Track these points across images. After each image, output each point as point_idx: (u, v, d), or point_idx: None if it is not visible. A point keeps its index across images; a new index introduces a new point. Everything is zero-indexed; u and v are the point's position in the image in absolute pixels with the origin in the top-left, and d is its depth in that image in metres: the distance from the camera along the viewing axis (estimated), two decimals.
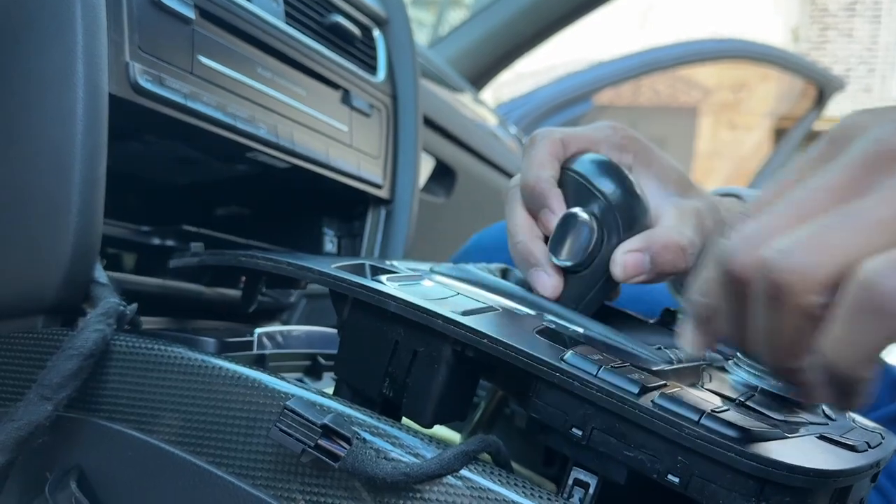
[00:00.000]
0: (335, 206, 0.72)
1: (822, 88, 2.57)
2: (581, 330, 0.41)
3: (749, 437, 0.31)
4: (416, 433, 0.36)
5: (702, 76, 4.37)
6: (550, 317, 0.42)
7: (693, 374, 0.39)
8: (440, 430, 0.50)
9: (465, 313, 0.38)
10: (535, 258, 0.45)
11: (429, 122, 1.04)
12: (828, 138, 0.31)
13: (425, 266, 0.50)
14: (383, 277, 0.42)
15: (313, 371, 0.53)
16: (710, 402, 0.34)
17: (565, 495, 0.35)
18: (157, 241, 0.56)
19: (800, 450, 0.32)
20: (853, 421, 0.40)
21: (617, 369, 0.34)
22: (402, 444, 0.36)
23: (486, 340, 0.35)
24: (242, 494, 0.37)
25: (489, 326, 0.37)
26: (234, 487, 0.37)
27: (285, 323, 0.67)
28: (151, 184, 0.66)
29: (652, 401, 0.33)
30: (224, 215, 0.71)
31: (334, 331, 0.58)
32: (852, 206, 0.27)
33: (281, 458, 0.37)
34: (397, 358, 0.39)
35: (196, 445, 0.38)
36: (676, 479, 0.32)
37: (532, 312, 0.43)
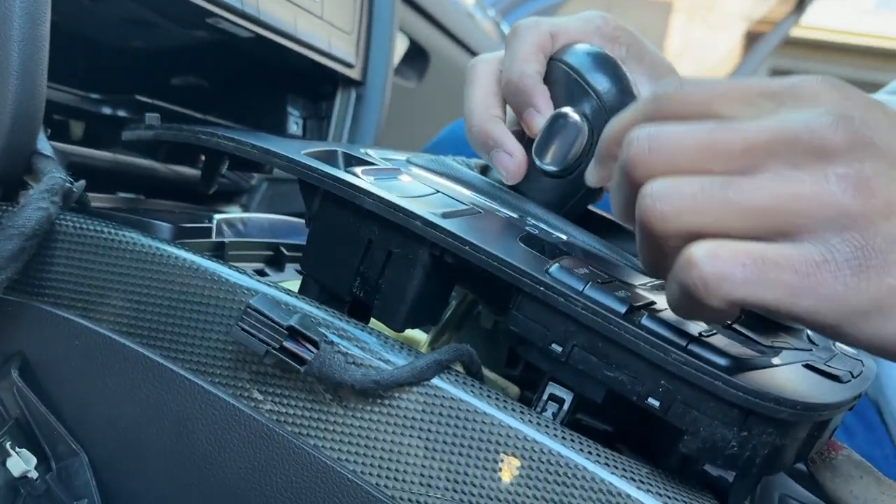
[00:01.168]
0: (302, 84, 0.67)
1: None
2: (564, 237, 0.39)
3: (737, 365, 0.30)
4: (386, 338, 0.35)
5: None
6: (533, 220, 0.40)
7: None
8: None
9: (445, 215, 0.35)
10: (493, 139, 0.42)
11: None
12: (790, 85, 0.30)
13: (401, 156, 0.46)
14: (358, 169, 0.38)
15: (275, 262, 0.50)
16: (695, 325, 0.32)
17: (538, 409, 0.34)
18: (107, 110, 0.51)
19: (786, 380, 0.31)
20: (834, 345, 0.40)
21: (603, 285, 0.32)
22: (372, 350, 0.34)
23: (468, 248, 0.33)
24: (198, 391, 0.35)
25: (471, 231, 0.34)
26: (189, 383, 0.35)
27: (245, 206, 0.64)
28: (101, 47, 0.61)
29: (639, 321, 0.31)
30: (180, 86, 0.66)
31: (298, 220, 0.55)
32: (739, 179, 0.28)
33: (241, 357, 0.35)
34: (370, 257, 0.36)
35: (148, 338, 0.36)
36: (657, 403, 0.31)
37: (514, 215, 0.40)
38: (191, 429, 0.35)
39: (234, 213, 0.57)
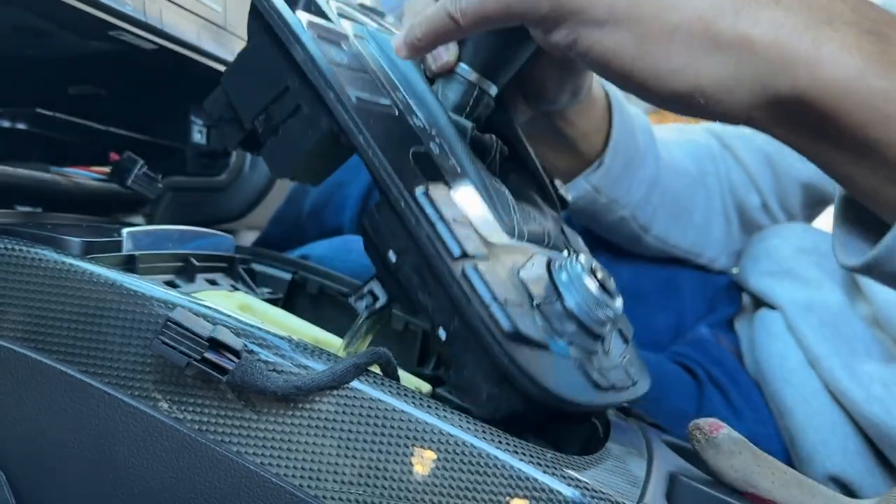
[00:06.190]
0: (205, 93, 0.66)
1: None
2: (459, 169, 0.41)
3: (517, 337, 0.34)
4: (304, 344, 0.36)
5: None
6: (439, 139, 0.42)
7: (523, 255, 0.40)
8: (320, 335, 0.50)
9: (360, 100, 0.37)
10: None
11: None
12: None
13: (370, 22, 0.49)
14: (306, 16, 0.40)
15: (185, 272, 0.50)
16: (513, 292, 0.36)
17: (354, 298, 0.38)
18: (6, 123, 0.50)
19: (553, 368, 0.35)
20: (624, 359, 0.44)
21: (454, 224, 0.35)
22: (291, 356, 0.35)
23: (361, 139, 0.35)
24: (118, 405, 0.36)
25: (374, 126, 0.36)
26: (109, 397, 0.36)
27: (149, 216, 0.63)
28: None
29: (463, 268, 0.34)
30: (78, 96, 0.65)
31: (208, 230, 0.55)
32: None
33: (162, 369, 0.35)
34: (282, 102, 0.38)
35: (65, 354, 0.36)
36: (443, 336, 0.35)
37: (425, 126, 0.42)
38: (112, 442, 0.35)
39: (140, 224, 0.57)
